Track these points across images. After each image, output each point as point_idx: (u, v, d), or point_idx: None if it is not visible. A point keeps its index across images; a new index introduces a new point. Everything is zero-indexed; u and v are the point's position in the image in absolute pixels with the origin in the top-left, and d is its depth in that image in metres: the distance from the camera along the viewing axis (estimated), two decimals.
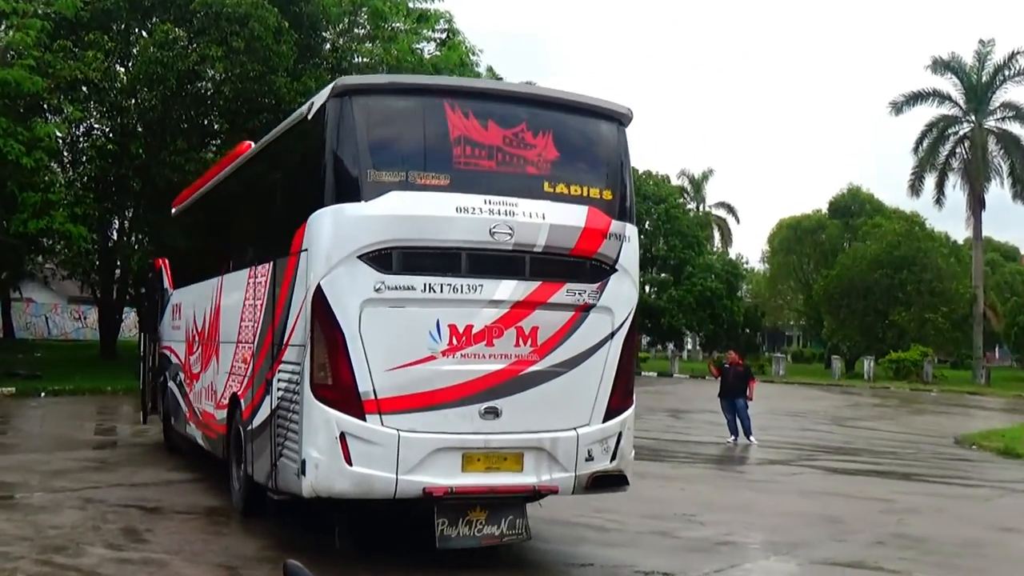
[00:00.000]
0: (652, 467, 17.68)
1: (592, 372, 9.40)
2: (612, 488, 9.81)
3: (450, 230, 8.85)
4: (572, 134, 9.64)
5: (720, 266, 66.55)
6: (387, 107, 9.26)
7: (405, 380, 8.76)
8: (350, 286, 8.73)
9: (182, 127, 35.78)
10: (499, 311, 9.02)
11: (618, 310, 9.57)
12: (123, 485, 13.45)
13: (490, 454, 9.00)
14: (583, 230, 9.29)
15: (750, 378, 22.47)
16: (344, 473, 8.66)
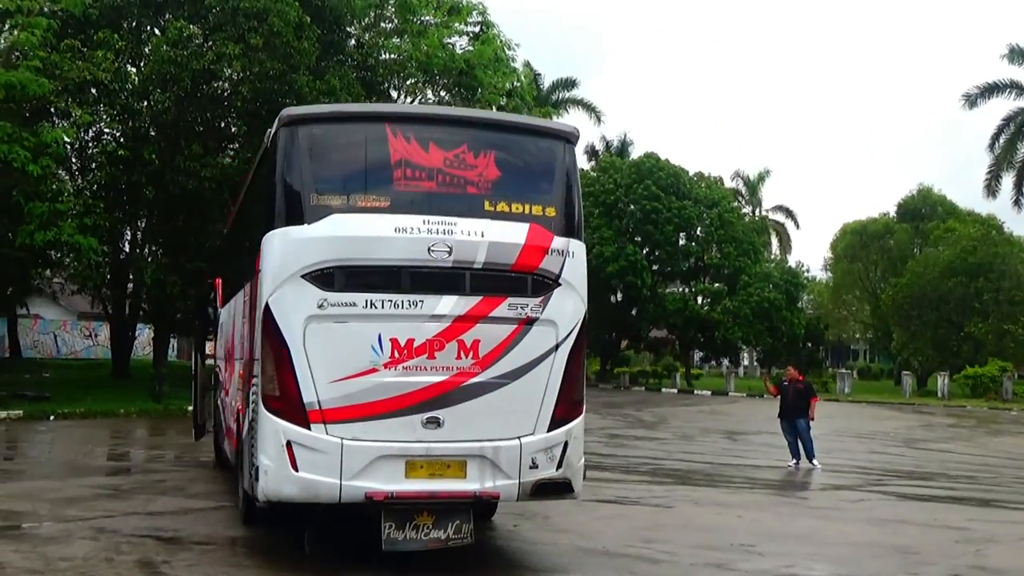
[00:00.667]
0: (707, 493, 17.62)
1: (536, 383, 10.33)
2: (557, 496, 10.70)
3: (389, 249, 9.94)
4: (514, 155, 10.73)
5: (778, 275, 66.18)
6: (331, 135, 10.47)
7: (348, 391, 9.82)
8: (295, 303, 9.88)
9: (198, 130, 36.07)
10: (440, 325, 10.03)
11: (563, 323, 10.49)
12: (138, 514, 13.56)
13: (433, 461, 10.01)
14: (523, 246, 10.29)
15: (811, 396, 22.33)
16: (291, 479, 9.80)
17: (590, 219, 62.01)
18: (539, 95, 60.43)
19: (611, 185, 62.76)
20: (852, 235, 76.16)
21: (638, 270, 61.00)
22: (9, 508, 13.92)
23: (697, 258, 66.40)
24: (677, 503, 16.10)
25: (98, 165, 34.21)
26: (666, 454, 24.17)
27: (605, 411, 40.24)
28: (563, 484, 10.51)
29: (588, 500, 15.87)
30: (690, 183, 65.41)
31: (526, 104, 44.91)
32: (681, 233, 65.07)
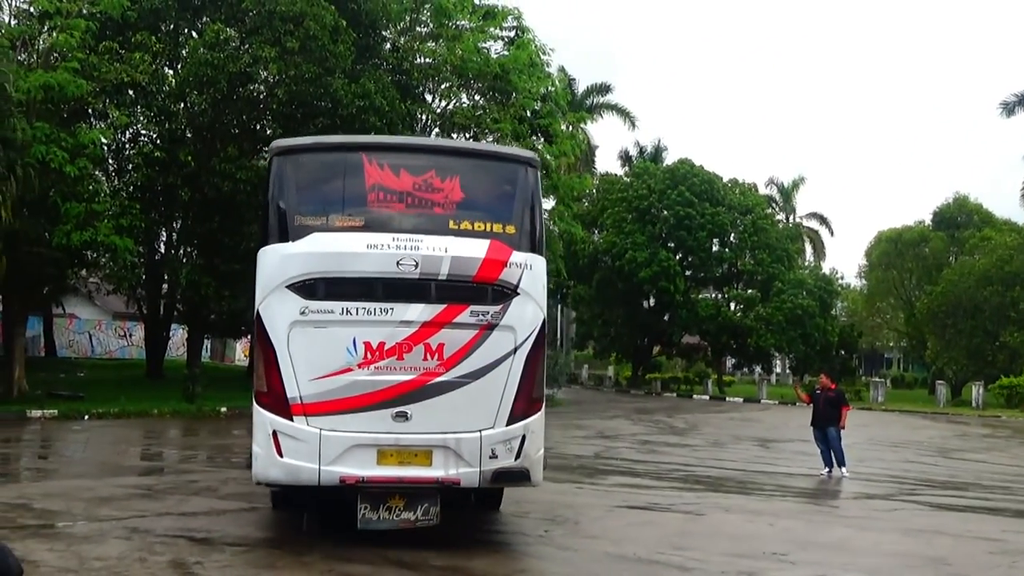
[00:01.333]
0: (738, 500, 17.55)
1: (495, 382, 11.45)
2: (515, 483, 11.83)
3: (362, 263, 11.27)
4: (477, 179, 12.05)
5: (812, 282, 65.84)
6: (315, 163, 12.11)
7: (326, 388, 11.19)
8: (280, 310, 11.34)
9: (233, 132, 36.28)
10: (408, 330, 11.29)
11: (520, 328, 11.57)
12: (171, 514, 13.64)
13: (402, 450, 11.27)
14: (483, 260, 11.46)
15: (843, 404, 22.21)
16: (276, 464, 11.26)
17: (623, 224, 61.98)
18: (573, 100, 60.38)
19: (644, 191, 62.61)
20: (887, 243, 75.68)
21: (671, 276, 60.85)
22: (44, 507, 14.03)
23: (730, 264, 66.13)
24: (708, 510, 16.04)
25: (134, 166, 34.43)
26: (697, 461, 24.10)
27: (636, 417, 40.16)
28: (521, 473, 11.55)
29: (619, 506, 15.87)
30: (724, 189, 65.18)
31: (560, 109, 44.97)
32: (714, 239, 64.85)
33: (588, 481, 19.42)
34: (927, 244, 73.29)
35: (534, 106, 42.21)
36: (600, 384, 74.63)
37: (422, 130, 40.30)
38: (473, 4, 41.26)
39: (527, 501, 16.30)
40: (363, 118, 33.03)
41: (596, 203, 66.41)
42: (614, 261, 62.05)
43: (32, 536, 11.95)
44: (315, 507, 12.49)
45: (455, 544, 12.28)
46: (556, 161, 45.11)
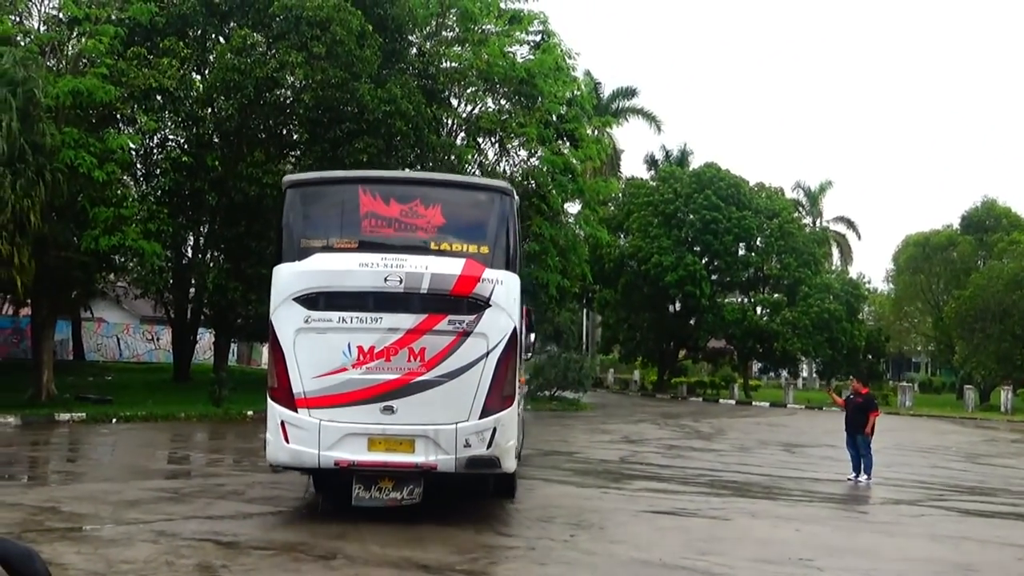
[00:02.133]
0: (765, 505, 17.50)
1: (470, 381, 13.30)
2: (486, 469, 13.54)
3: (355, 279, 13.32)
4: (456, 206, 14.07)
5: (839, 286, 65.53)
6: (319, 194, 14.36)
7: (325, 385, 13.23)
8: (288, 319, 13.35)
9: (260, 137, 36.44)
10: (395, 335, 13.26)
11: (492, 336, 13.39)
12: (198, 517, 13.70)
13: (389, 439, 13.24)
14: (459, 277, 13.34)
15: (870, 410, 22.05)
16: (284, 449, 13.27)
17: (649, 228, 61.85)
18: (598, 104, 60.35)
19: (670, 195, 62.46)
20: (915, 247, 75.26)
21: (697, 280, 60.63)
22: (72, 510, 14.13)
23: (757, 268, 65.86)
24: (734, 515, 16.00)
25: (162, 171, 34.64)
26: (723, 466, 24.03)
27: (663, 421, 40.08)
28: (491, 460, 13.40)
29: (645, 511, 15.85)
30: (750, 193, 64.94)
31: (585, 113, 44.95)
32: (741, 243, 64.55)
33: (614, 486, 19.39)
34: (955, 248, 72.84)
35: (560, 110, 42.22)
36: (626, 388, 74.51)
37: (448, 134, 40.38)
38: (499, 8, 41.33)
39: (552, 506, 16.31)
40: (389, 123, 33.14)
41: (622, 207, 66.28)
42: (640, 265, 61.90)
43: (60, 539, 12.03)
44: (330, 489, 14.66)
45: (480, 548, 12.30)
46: (582, 165, 45.09)
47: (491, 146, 42.70)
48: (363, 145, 32.91)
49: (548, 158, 40.85)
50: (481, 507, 15.32)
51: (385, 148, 33.60)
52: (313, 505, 14.87)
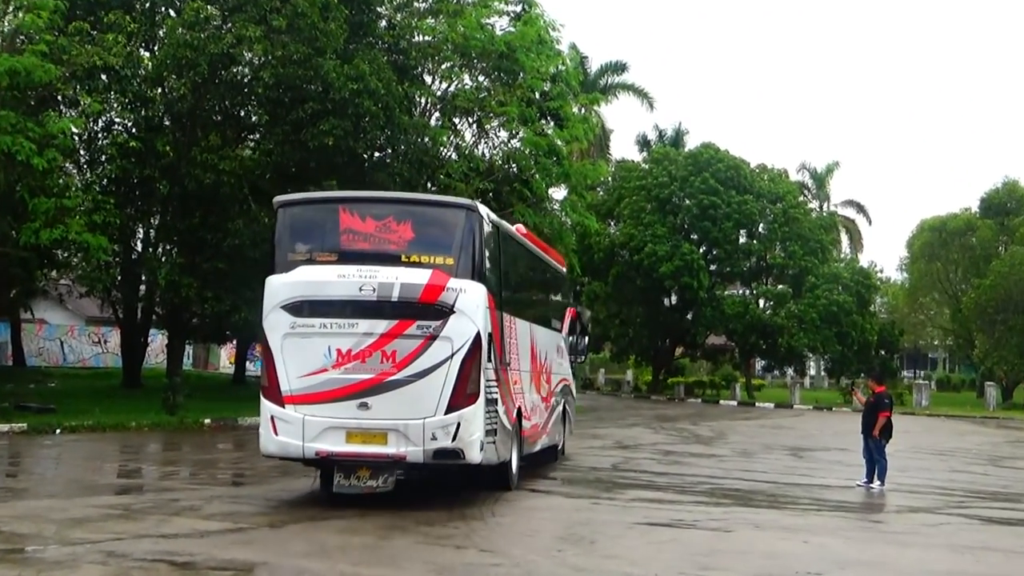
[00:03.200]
0: (770, 515, 17.53)
1: (436, 381, 15.92)
2: (451, 459, 16.09)
3: (334, 289, 16.14)
4: (425, 222, 16.90)
5: (849, 275, 65.70)
6: (304, 212, 17.49)
7: (308, 384, 16.04)
8: (276, 325, 16.29)
9: (215, 120, 36.33)
10: (369, 339, 15.98)
11: (456, 339, 16.01)
12: (150, 536, 13.62)
13: (364, 432, 15.96)
14: (425, 286, 16.05)
15: (880, 410, 22.02)
16: (273, 441, 16.25)
17: (642, 214, 61.99)
18: (585, 80, 60.39)
19: (665, 178, 62.56)
20: (930, 232, 75.59)
21: (694, 270, 60.73)
22: (12, 530, 14.03)
23: (759, 257, 66.03)
24: (737, 527, 16.02)
25: (108, 158, 34.46)
26: (725, 472, 24.07)
27: (658, 425, 40.15)
28: (456, 452, 15.98)
29: (639, 523, 15.86)
30: (751, 176, 65.06)
31: (571, 90, 44.91)
32: (741, 230, 64.71)
33: (605, 496, 19.39)
34: (974, 233, 73.19)
35: (543, 87, 42.18)
36: (618, 389, 74.67)
37: (421, 114, 40.32)
38: None
39: (539, 518, 16.35)
40: (356, 102, 33.03)
41: (612, 192, 66.37)
42: (632, 255, 61.99)
43: None
44: (323, 476, 17.31)
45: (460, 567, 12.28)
46: (567, 147, 45.01)
47: (468, 127, 42.66)
48: (328, 127, 32.83)
49: (530, 139, 40.79)
50: (462, 520, 15.32)
51: (352, 130, 33.50)
52: (276, 522, 14.84)
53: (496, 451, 17.23)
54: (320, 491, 17.38)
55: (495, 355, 17.12)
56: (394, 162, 36.41)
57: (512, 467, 18.68)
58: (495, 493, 17.99)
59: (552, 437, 23.48)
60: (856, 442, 22.98)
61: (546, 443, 22.73)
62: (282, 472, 20.97)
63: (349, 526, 14.63)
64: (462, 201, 17.72)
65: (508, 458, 18.26)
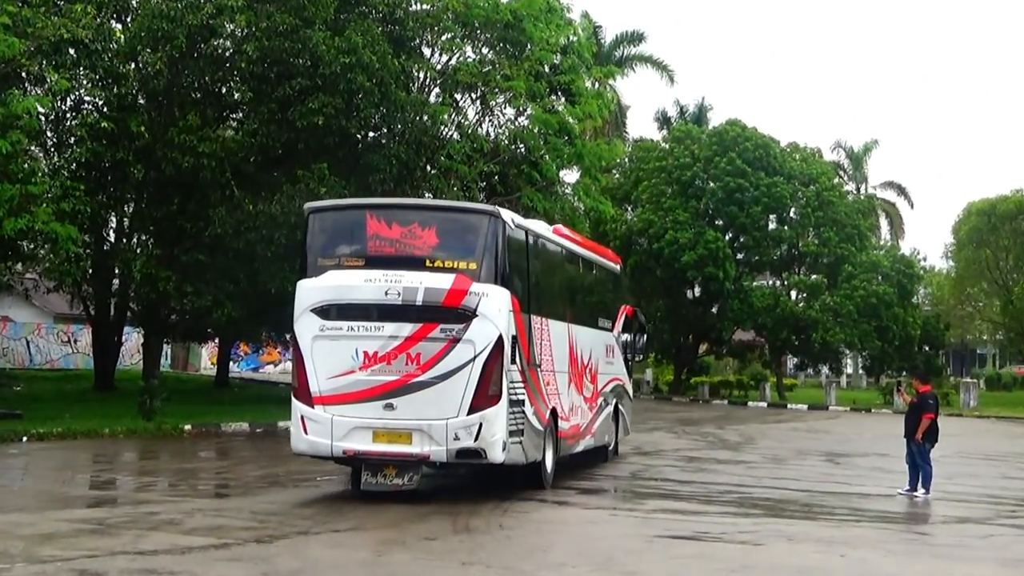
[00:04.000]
0: (803, 527, 17.54)
1: (459, 382, 17.82)
2: (474, 459, 18.06)
3: (361, 293, 18.15)
4: (449, 228, 18.91)
5: (889, 264, 65.61)
6: (333, 219, 19.64)
7: (337, 385, 18.06)
8: (306, 328, 18.40)
9: (194, 97, 36.34)
10: (395, 342, 17.96)
11: (479, 342, 17.88)
12: (127, 553, 13.64)
13: (390, 432, 17.92)
14: (448, 290, 17.95)
15: (923, 411, 21.99)
16: (303, 440, 18.35)
17: (662, 199, 61.96)
18: (599, 52, 60.36)
19: (687, 159, 62.50)
20: (978, 216, 75.29)
21: (720, 260, 60.69)
22: None
23: (790, 245, 65.91)
24: (767, 539, 16.03)
25: (77, 140, 34.47)
26: (754, 480, 24.07)
27: (680, 429, 40.16)
28: (478, 451, 17.87)
29: (661, 536, 15.87)
30: (782, 156, 64.94)
31: (584, 62, 44.86)
32: (771, 215, 64.61)
33: (624, 506, 19.41)
34: None
35: (552, 59, 42.16)
36: (637, 390, 74.44)
37: (419, 90, 40.29)
38: None
39: (551, 531, 16.37)
40: (348, 77, 33.03)
41: (629, 174, 66.35)
42: (651, 243, 61.98)
43: None
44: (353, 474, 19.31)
45: None
46: (580, 125, 44.95)
47: (471, 104, 42.68)
48: (318, 105, 32.83)
49: (539, 117, 40.76)
50: (467, 533, 15.35)
51: (344, 108, 33.50)
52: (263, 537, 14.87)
53: (523, 451, 19.10)
54: (350, 489, 19.24)
55: (521, 357, 18.95)
56: (390, 143, 36.42)
57: (546, 467, 20.48)
58: (503, 503, 18.25)
59: (600, 438, 25.51)
60: (898, 447, 22.96)
61: (591, 444, 24.72)
62: (269, 482, 21.07)
63: (343, 540, 14.67)
64: (485, 207, 20.21)
65: (539, 458, 20.07)
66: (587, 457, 24.82)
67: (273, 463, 24.83)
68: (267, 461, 25.64)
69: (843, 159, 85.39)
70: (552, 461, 20.75)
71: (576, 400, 22.96)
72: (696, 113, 74.82)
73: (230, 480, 22.16)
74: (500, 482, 19.85)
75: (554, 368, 21.23)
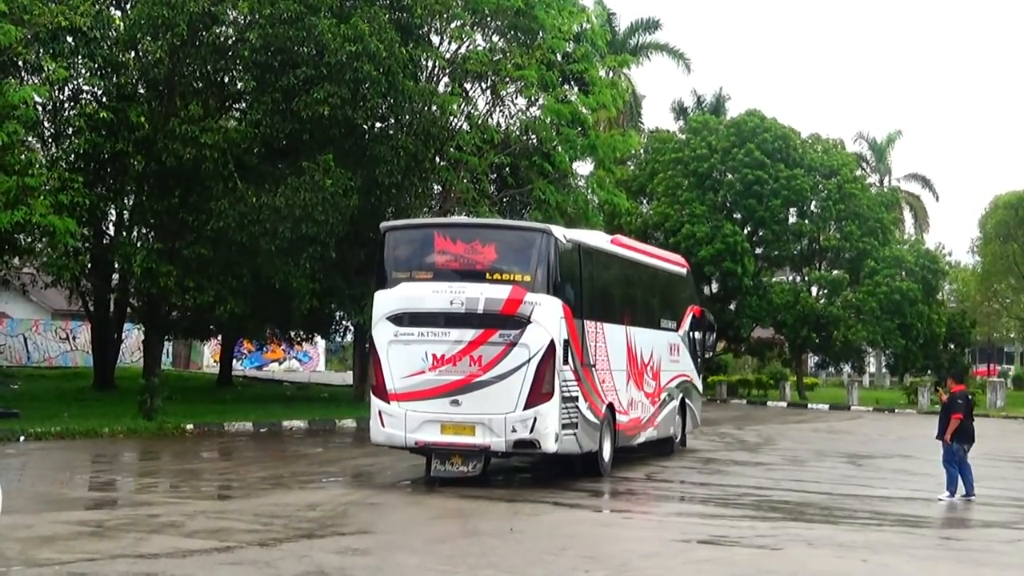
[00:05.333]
0: (824, 531, 17.54)
1: (516, 381, 20.65)
2: (529, 449, 21.19)
3: (430, 302, 21.05)
4: (506, 244, 21.74)
5: (913, 259, 65.39)
6: (405, 236, 22.76)
7: (409, 383, 20.97)
8: (382, 333, 21.37)
9: (196, 87, 36.35)
10: (459, 346, 20.84)
11: (532, 346, 20.70)
12: (127, 556, 13.68)
13: (456, 425, 20.87)
14: (506, 300, 20.79)
15: (952, 411, 22.00)
16: (381, 432, 21.32)
17: (678, 191, 61.81)
18: (613, 40, 60.14)
19: (704, 150, 62.36)
20: (1006, 209, 75.07)
21: (738, 254, 60.56)
22: None
23: (811, 239, 65.71)
24: (787, 544, 16.03)
25: (76, 130, 34.49)
26: (773, 483, 24.08)
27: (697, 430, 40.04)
28: (533, 442, 20.76)
29: (676, 540, 15.89)
30: (802, 147, 64.76)
31: (597, 51, 44.81)
32: (791, 209, 64.41)
33: (638, 509, 19.45)
34: None
35: (565, 48, 42.11)
36: None
37: (428, 80, 40.28)
38: None
39: (563, 535, 16.37)
40: (355, 67, 33.03)
41: (644, 166, 66.24)
42: (667, 237, 61.81)
43: None
44: (429, 465, 21.74)
45: None
46: (594, 115, 44.93)
47: (481, 93, 42.64)
48: (323, 95, 32.86)
49: (552, 107, 40.72)
50: (476, 536, 15.37)
51: (350, 98, 33.52)
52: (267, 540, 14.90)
53: (577, 442, 22.01)
54: (424, 476, 21.90)
55: (574, 358, 21.81)
56: (398, 133, 36.44)
57: (603, 456, 23.36)
58: (514, 505, 19.22)
59: (664, 430, 28.44)
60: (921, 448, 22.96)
61: (653, 435, 27.56)
62: (273, 484, 21.15)
63: (349, 544, 14.70)
64: (538, 226, 23.46)
65: (595, 448, 22.94)
66: (652, 447, 27.85)
67: (277, 464, 24.91)
68: (271, 462, 25.71)
69: (866, 150, 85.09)
70: (610, 451, 23.77)
71: (635, 395, 25.97)
72: (714, 103, 74.63)
73: (233, 481, 22.22)
74: (561, 470, 22.95)
75: (610, 367, 24.09)
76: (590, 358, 22.87)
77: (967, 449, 21.95)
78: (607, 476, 23.22)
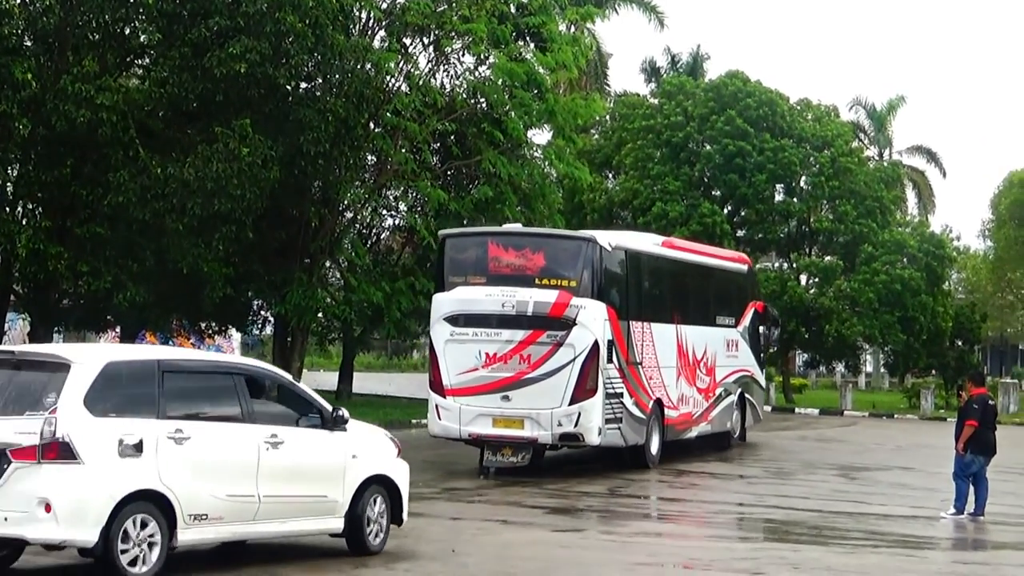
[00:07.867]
0: (811, 553, 17.69)
1: (562, 379, 25.07)
2: (574, 442, 25.98)
3: (483, 305, 25.83)
4: (554, 251, 26.60)
5: (916, 244, 65.64)
6: (462, 243, 28.14)
7: (464, 380, 25.74)
8: (440, 333, 26.37)
9: (92, 39, 36.09)
10: (510, 345, 25.38)
11: (577, 346, 25.09)
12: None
13: (506, 419, 25.25)
14: (553, 303, 25.22)
15: (966, 417, 22.12)
16: (438, 425, 26.35)
17: (649, 164, 61.75)
18: None
19: (679, 117, 62.25)
20: (1021, 188, 75.74)
21: (717, 237, 60.40)
22: None
23: (800, 221, 65.94)
24: (768, 568, 16.15)
25: None
26: (755, 498, 24.25)
27: None
28: (577, 435, 25.37)
29: (641, 563, 16.01)
30: (791, 115, 64.85)
31: (557, 2, 44.80)
32: (778, 185, 64.51)
33: (600, 528, 19.55)
34: None
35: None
36: None
37: (362, 34, 40.16)
38: None
39: (514, 556, 16.42)
40: (276, 18, 32.82)
41: (610, 135, 66.25)
42: (636, 216, 61.81)
43: None
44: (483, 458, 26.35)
45: None
46: (552, 76, 44.74)
47: (423, 50, 42.49)
48: (239, 50, 32.53)
49: (503, 66, 40.61)
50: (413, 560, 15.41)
51: (271, 54, 33.23)
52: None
53: (622, 435, 26.58)
54: (478, 466, 26.44)
55: (619, 357, 26.24)
56: (325, 95, 36.28)
57: (650, 450, 27.94)
58: (458, 523, 19.02)
59: (720, 424, 33.08)
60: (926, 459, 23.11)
61: (707, 430, 32.18)
62: None
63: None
64: (584, 234, 28.37)
65: (641, 442, 27.49)
66: (708, 441, 32.50)
67: None
68: None
69: (863, 119, 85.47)
70: (658, 445, 28.36)
71: (686, 391, 30.47)
72: (690, 64, 74.74)
73: None
74: (609, 462, 27.83)
75: (658, 364, 28.57)
76: (636, 356, 27.40)
77: (984, 462, 21.99)
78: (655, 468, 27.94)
